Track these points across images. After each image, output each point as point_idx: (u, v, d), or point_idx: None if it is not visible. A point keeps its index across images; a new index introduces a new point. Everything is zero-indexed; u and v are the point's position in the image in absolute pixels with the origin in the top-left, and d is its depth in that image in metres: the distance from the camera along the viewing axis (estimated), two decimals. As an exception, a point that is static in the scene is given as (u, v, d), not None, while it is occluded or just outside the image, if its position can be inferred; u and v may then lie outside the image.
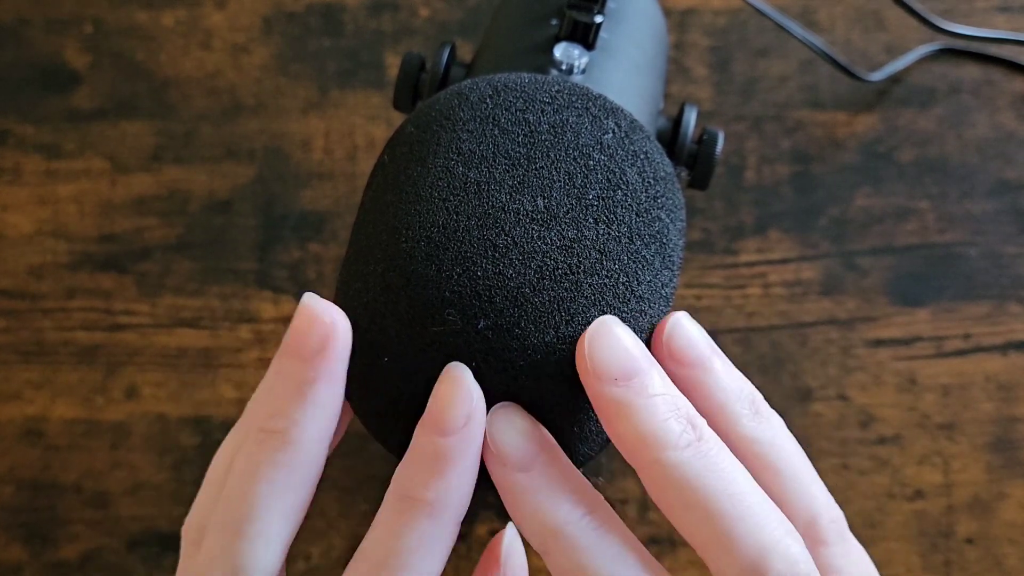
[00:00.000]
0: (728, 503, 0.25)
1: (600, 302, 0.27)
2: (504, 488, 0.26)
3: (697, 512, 0.25)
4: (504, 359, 0.26)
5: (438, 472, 0.25)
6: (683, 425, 0.25)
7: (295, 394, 0.27)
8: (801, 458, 0.28)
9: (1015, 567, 0.45)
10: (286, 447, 0.26)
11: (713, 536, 0.25)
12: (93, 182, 0.50)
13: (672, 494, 0.25)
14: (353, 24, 0.52)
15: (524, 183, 0.28)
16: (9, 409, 0.47)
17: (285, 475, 0.26)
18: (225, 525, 0.26)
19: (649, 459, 0.25)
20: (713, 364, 0.28)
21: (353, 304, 0.28)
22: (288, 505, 0.26)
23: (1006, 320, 0.48)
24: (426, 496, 0.25)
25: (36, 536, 0.46)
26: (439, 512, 0.25)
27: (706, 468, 0.25)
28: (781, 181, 0.50)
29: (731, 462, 0.26)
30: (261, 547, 0.26)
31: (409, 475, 0.26)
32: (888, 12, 0.52)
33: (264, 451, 0.26)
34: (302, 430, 0.26)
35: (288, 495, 0.26)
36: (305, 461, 0.26)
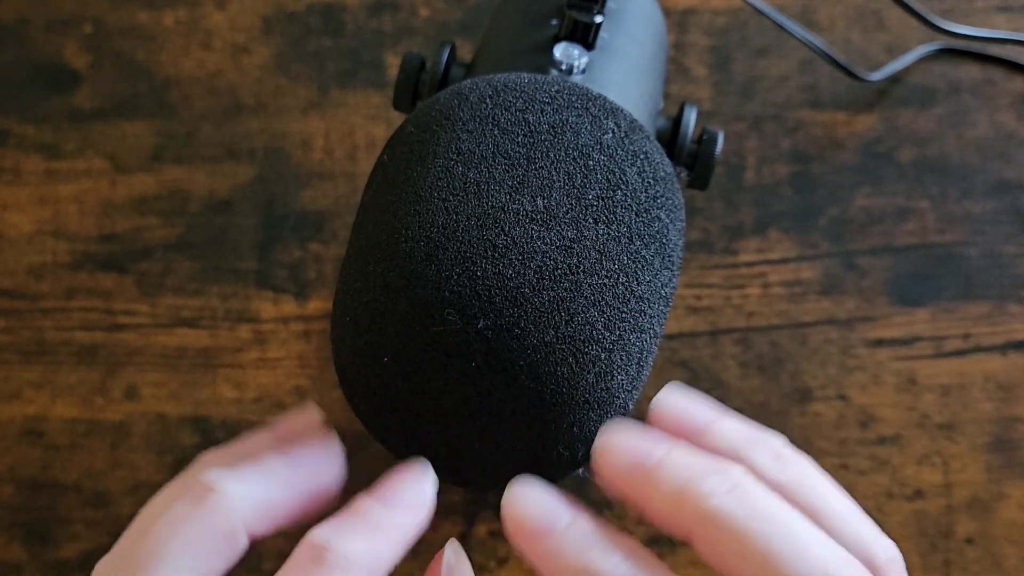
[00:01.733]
0: (782, 542, 0.24)
1: (600, 302, 0.27)
2: (535, 557, 0.25)
3: (754, 560, 0.24)
4: (504, 359, 0.26)
5: (365, 534, 0.25)
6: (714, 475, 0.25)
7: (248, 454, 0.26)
8: (840, 496, 0.26)
9: (1015, 567, 0.45)
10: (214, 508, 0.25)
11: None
12: (93, 182, 0.50)
13: (725, 547, 0.24)
14: (353, 24, 0.52)
15: (524, 183, 0.28)
16: (9, 409, 0.47)
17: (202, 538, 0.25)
18: (125, 572, 0.25)
19: (693, 517, 0.24)
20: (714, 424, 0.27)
21: (353, 304, 0.28)
22: (196, 569, 0.24)
23: (1006, 320, 0.48)
24: (345, 551, 0.24)
25: (36, 536, 0.46)
26: (353, 571, 0.24)
27: (751, 512, 0.24)
28: (781, 181, 0.50)
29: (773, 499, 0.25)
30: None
31: (335, 527, 0.25)
32: (888, 12, 0.52)
33: (191, 505, 0.25)
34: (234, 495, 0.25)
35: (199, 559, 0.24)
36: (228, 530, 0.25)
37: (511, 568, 0.45)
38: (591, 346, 0.27)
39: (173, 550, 0.24)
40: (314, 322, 0.48)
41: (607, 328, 0.27)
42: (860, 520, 0.26)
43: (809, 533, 0.24)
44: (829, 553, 0.24)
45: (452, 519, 0.43)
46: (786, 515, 0.24)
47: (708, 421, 0.27)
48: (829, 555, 0.24)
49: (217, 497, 0.25)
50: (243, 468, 0.26)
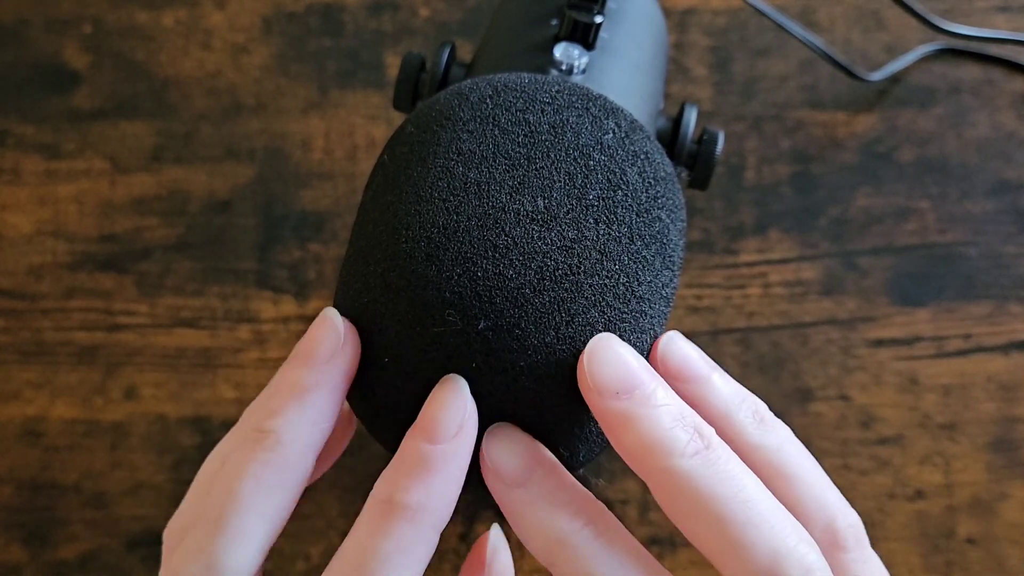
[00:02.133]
0: (739, 509, 0.24)
1: (600, 303, 0.27)
2: (505, 504, 0.26)
3: (708, 520, 0.25)
4: (504, 360, 0.26)
5: (423, 478, 0.25)
6: (690, 433, 0.25)
7: (294, 397, 0.27)
8: (812, 463, 0.27)
9: (1016, 567, 0.45)
10: (276, 447, 0.26)
11: (725, 544, 0.24)
12: (93, 182, 0.50)
13: (682, 502, 0.25)
14: (353, 24, 0.52)
15: (524, 183, 0.28)
16: (9, 409, 0.47)
17: (271, 474, 0.26)
18: (206, 521, 0.26)
19: (657, 468, 0.25)
20: (711, 377, 0.28)
21: (353, 304, 0.28)
22: (272, 506, 0.26)
23: (1007, 320, 0.48)
24: (408, 501, 0.25)
25: (36, 536, 0.46)
26: (420, 518, 0.25)
27: (716, 475, 0.25)
28: (781, 181, 0.50)
29: (741, 469, 0.25)
30: (241, 545, 0.25)
31: (393, 479, 0.26)
32: (888, 12, 0.52)
33: (254, 450, 0.26)
34: (294, 433, 0.26)
35: (273, 495, 0.26)
36: (293, 463, 0.26)
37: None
38: (592, 346, 0.27)
39: (248, 494, 0.26)
40: (314, 322, 0.48)
41: (608, 328, 0.27)
42: (828, 489, 0.27)
43: (768, 505, 0.25)
44: (785, 528, 0.25)
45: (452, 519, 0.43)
46: (748, 484, 0.25)
47: (706, 372, 0.28)
48: (784, 529, 0.25)
49: (273, 436, 0.26)
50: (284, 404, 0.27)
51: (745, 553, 0.24)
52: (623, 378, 0.26)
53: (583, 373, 0.26)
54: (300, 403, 0.27)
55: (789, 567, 0.24)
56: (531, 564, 0.45)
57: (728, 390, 0.28)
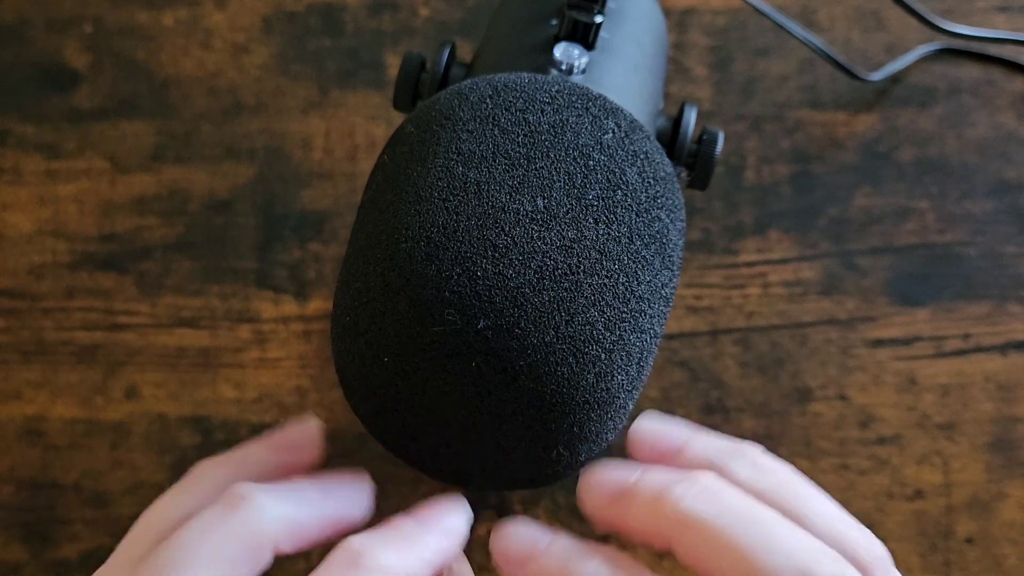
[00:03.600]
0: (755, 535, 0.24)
1: (600, 302, 0.27)
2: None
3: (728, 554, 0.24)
4: (504, 359, 0.26)
5: (401, 547, 0.26)
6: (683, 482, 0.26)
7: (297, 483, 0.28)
8: (823, 499, 0.27)
9: (1015, 567, 0.45)
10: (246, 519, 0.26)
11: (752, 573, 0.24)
12: (93, 182, 0.50)
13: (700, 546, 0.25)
14: (353, 24, 0.52)
15: (524, 183, 0.28)
16: (9, 409, 0.47)
17: (231, 546, 0.26)
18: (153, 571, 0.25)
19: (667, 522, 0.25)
20: (691, 440, 0.28)
21: (353, 304, 0.28)
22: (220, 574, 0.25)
23: (1006, 320, 0.48)
24: (380, 558, 0.25)
25: (36, 535, 0.46)
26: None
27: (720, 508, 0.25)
28: (781, 181, 0.50)
29: (742, 496, 0.25)
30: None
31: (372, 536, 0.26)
32: (888, 12, 0.52)
33: (223, 512, 0.26)
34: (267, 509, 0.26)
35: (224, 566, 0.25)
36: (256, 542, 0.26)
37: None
38: (591, 346, 0.27)
39: (203, 556, 0.25)
40: (314, 322, 0.48)
41: (607, 328, 0.27)
42: (844, 522, 0.26)
43: (781, 527, 0.25)
44: (803, 545, 0.24)
45: (452, 519, 0.43)
46: (756, 511, 0.25)
47: (683, 439, 0.28)
48: (803, 547, 0.24)
49: (250, 508, 0.26)
50: (277, 487, 0.27)
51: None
52: (612, 485, 0.27)
53: (583, 507, 0.28)
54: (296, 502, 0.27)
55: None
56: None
57: (714, 445, 0.28)
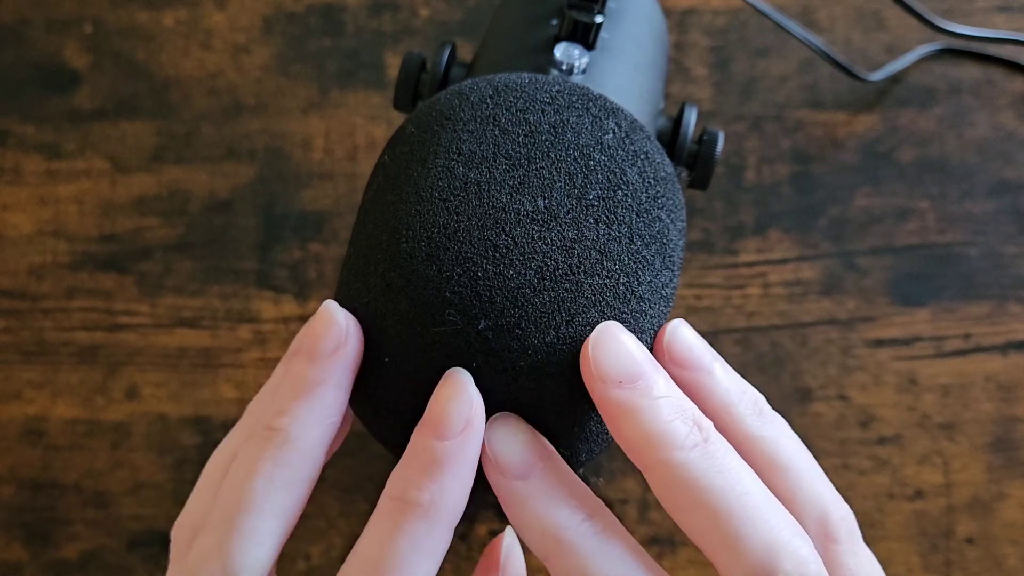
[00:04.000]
0: (736, 503, 0.25)
1: (600, 302, 0.27)
2: (504, 496, 0.26)
3: (704, 512, 0.25)
4: (505, 360, 0.26)
5: (434, 475, 0.25)
6: (689, 426, 0.25)
7: (301, 393, 0.27)
8: (807, 456, 0.28)
9: (1015, 567, 0.45)
10: (286, 444, 0.26)
11: (720, 536, 0.25)
12: (94, 182, 0.50)
13: (679, 494, 0.25)
14: (353, 24, 0.52)
15: (524, 183, 0.28)
16: (10, 409, 0.47)
17: (283, 472, 0.26)
18: (219, 521, 0.26)
19: (655, 460, 0.25)
20: (714, 367, 0.28)
21: (354, 304, 0.28)
22: (284, 504, 0.26)
23: (1006, 320, 0.48)
24: (421, 499, 0.25)
25: (36, 536, 0.46)
26: (433, 515, 0.25)
27: (713, 468, 0.25)
28: (781, 181, 0.50)
29: (738, 463, 0.26)
30: (255, 544, 0.26)
31: (405, 477, 0.26)
32: (888, 12, 0.52)
33: (265, 448, 0.26)
34: (304, 429, 0.26)
35: (285, 493, 0.26)
36: (304, 460, 0.26)
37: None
38: (592, 346, 0.27)
39: (260, 492, 0.26)
40: (314, 322, 0.48)
41: (608, 328, 0.27)
42: (822, 482, 0.27)
43: (764, 500, 0.25)
44: (780, 522, 0.25)
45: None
46: (745, 479, 0.25)
47: (709, 361, 0.28)
48: (779, 524, 0.25)
49: (282, 433, 0.26)
50: (295, 406, 0.27)
51: (740, 546, 0.24)
52: (626, 367, 0.26)
53: (587, 361, 0.26)
54: (308, 399, 0.27)
55: (783, 560, 0.24)
56: (532, 563, 0.45)
57: (729, 381, 0.28)
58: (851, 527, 0.27)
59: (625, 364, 0.26)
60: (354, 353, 0.27)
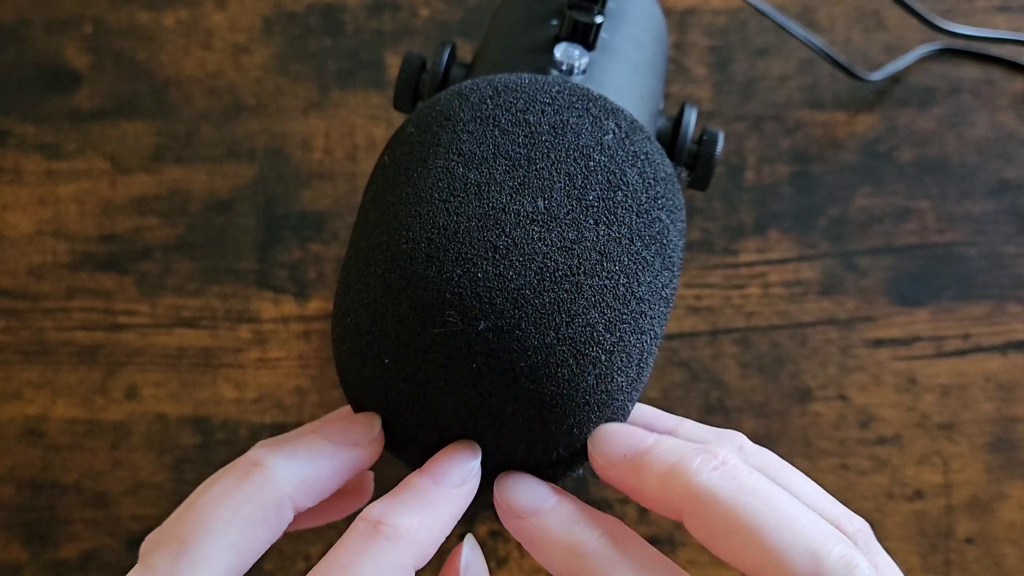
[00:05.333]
0: (770, 515, 0.25)
1: (600, 303, 0.27)
2: (524, 535, 0.27)
3: (742, 532, 0.25)
4: (505, 360, 0.26)
5: (418, 509, 0.26)
6: (700, 454, 0.26)
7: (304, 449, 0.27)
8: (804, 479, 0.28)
9: (1015, 567, 0.45)
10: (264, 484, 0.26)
11: (762, 553, 0.24)
12: (94, 182, 0.50)
13: (714, 521, 0.25)
14: (353, 24, 0.52)
15: (524, 184, 0.28)
16: (9, 409, 0.47)
17: (251, 510, 0.26)
18: (174, 541, 0.26)
19: (683, 494, 0.26)
20: (681, 425, 0.29)
21: (354, 305, 0.28)
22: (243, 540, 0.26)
23: (1006, 320, 0.48)
24: (398, 524, 0.25)
25: (36, 536, 0.46)
26: (404, 544, 0.25)
27: (738, 486, 0.25)
28: (781, 181, 0.50)
29: (758, 476, 0.26)
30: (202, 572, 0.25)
31: (388, 504, 0.26)
32: (888, 12, 0.52)
33: (241, 480, 0.26)
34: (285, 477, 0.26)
35: (246, 530, 0.26)
36: (275, 504, 0.26)
37: (511, 568, 0.45)
38: (591, 348, 0.27)
39: (221, 521, 0.26)
40: (314, 322, 0.48)
41: (607, 330, 0.27)
42: (825, 499, 0.28)
43: (795, 507, 0.25)
44: (816, 526, 0.25)
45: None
46: (771, 490, 0.25)
47: (672, 425, 0.29)
48: (816, 528, 0.25)
49: (263, 471, 0.26)
50: (286, 447, 0.27)
51: (784, 557, 0.24)
52: (625, 444, 0.27)
53: (593, 459, 0.28)
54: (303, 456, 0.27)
55: (830, 565, 0.24)
56: (531, 563, 0.45)
57: (701, 429, 0.29)
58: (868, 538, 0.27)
59: (623, 442, 0.27)
60: (367, 457, 0.28)
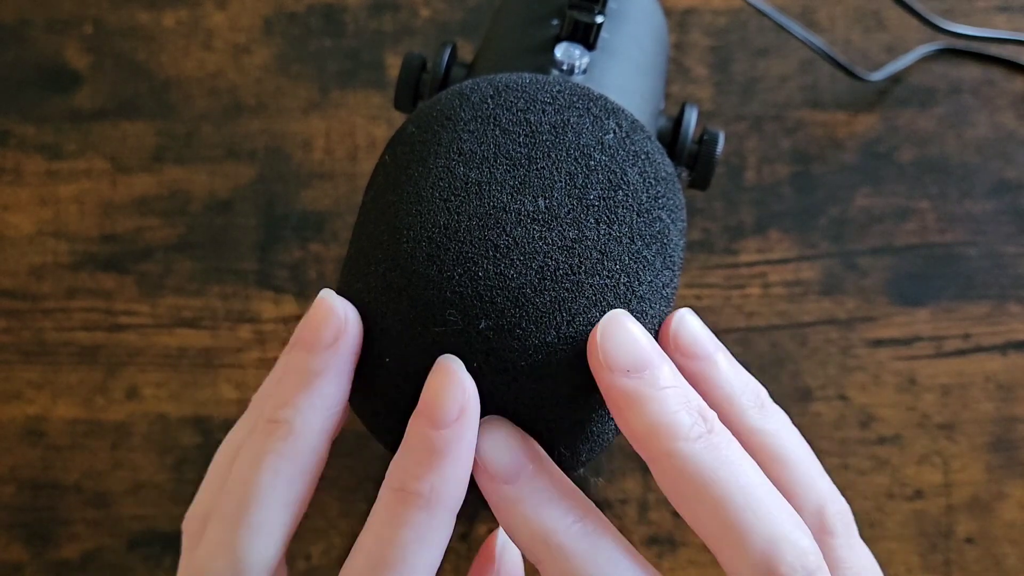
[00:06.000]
0: (739, 494, 0.25)
1: (601, 303, 0.27)
2: (493, 500, 0.26)
3: (707, 504, 0.25)
4: (505, 360, 0.26)
5: (432, 465, 0.25)
6: (694, 417, 0.26)
7: (302, 385, 0.27)
8: (806, 450, 0.28)
9: (1015, 567, 0.45)
10: (290, 436, 0.26)
11: (723, 527, 0.25)
12: (94, 182, 0.50)
13: (683, 485, 0.25)
14: (354, 24, 0.52)
15: (525, 183, 0.28)
16: (10, 409, 0.47)
17: (288, 465, 0.26)
18: (227, 515, 0.26)
19: (660, 450, 0.25)
20: (718, 359, 0.28)
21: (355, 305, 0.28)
22: (291, 496, 0.26)
23: (1006, 320, 0.48)
24: (420, 489, 0.25)
25: (37, 536, 0.46)
26: (434, 504, 0.25)
27: (717, 460, 0.25)
28: (781, 181, 0.50)
29: (741, 454, 0.26)
30: (263, 537, 0.26)
31: (403, 468, 0.26)
32: (888, 12, 0.52)
33: (269, 441, 0.26)
34: (306, 420, 0.26)
35: (291, 485, 0.26)
36: (308, 451, 0.26)
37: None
38: (592, 346, 0.27)
39: (267, 485, 0.26)
40: (315, 322, 0.48)
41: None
42: (820, 476, 0.28)
43: (767, 493, 0.25)
44: (782, 515, 0.25)
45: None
46: (749, 471, 0.25)
47: (713, 351, 0.28)
48: (781, 516, 0.25)
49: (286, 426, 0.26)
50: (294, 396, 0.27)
51: (743, 537, 0.24)
52: (634, 356, 0.26)
53: (594, 348, 0.26)
54: (309, 390, 0.27)
55: (785, 553, 0.24)
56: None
57: (732, 372, 0.28)
58: (847, 521, 0.27)
59: (632, 353, 0.26)
60: (354, 341, 0.27)
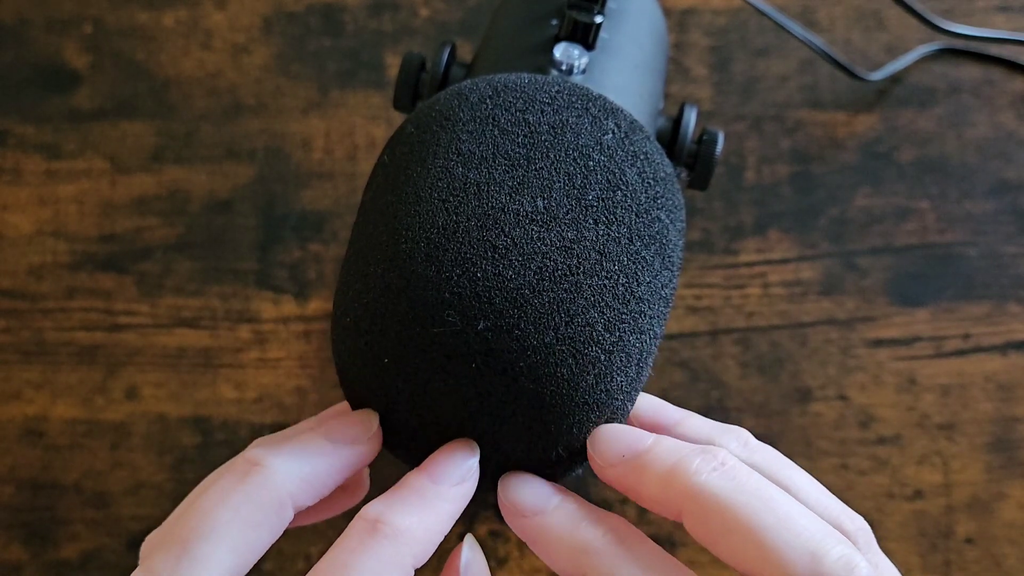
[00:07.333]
0: (768, 515, 0.25)
1: (600, 303, 0.27)
2: (529, 534, 0.27)
3: (741, 532, 0.25)
4: (504, 360, 0.26)
5: (417, 507, 0.26)
6: (699, 454, 0.26)
7: (301, 447, 0.27)
8: (806, 476, 0.28)
9: (1014, 567, 0.45)
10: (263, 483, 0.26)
11: (761, 553, 0.24)
12: (93, 182, 0.50)
13: (713, 521, 0.25)
14: (353, 24, 0.52)
15: (524, 184, 0.28)
16: (9, 409, 0.47)
17: (251, 509, 0.26)
18: (176, 542, 0.25)
19: (682, 493, 0.26)
20: (687, 419, 0.29)
21: (353, 305, 0.28)
22: (243, 539, 0.25)
23: (1006, 320, 0.48)
24: (396, 522, 0.25)
25: (36, 536, 0.46)
26: (403, 542, 0.25)
27: (737, 486, 0.25)
28: (781, 181, 0.50)
29: (757, 476, 0.26)
30: (204, 573, 0.25)
31: (387, 502, 0.26)
32: (888, 12, 0.52)
33: (240, 480, 0.26)
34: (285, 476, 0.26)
35: (247, 529, 0.25)
36: (275, 502, 0.26)
37: (511, 568, 0.45)
38: (591, 347, 0.27)
39: (222, 522, 0.25)
40: (314, 322, 0.48)
41: (607, 329, 0.27)
42: (827, 497, 0.28)
43: (793, 507, 0.25)
44: (814, 526, 0.25)
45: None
46: (770, 490, 0.25)
47: (678, 418, 0.29)
48: (814, 528, 0.25)
49: (263, 470, 0.26)
50: (285, 446, 0.27)
51: (783, 557, 0.24)
52: (624, 444, 0.27)
53: (592, 460, 0.28)
54: (303, 454, 0.27)
55: (830, 564, 0.24)
56: (531, 563, 0.45)
57: (707, 424, 0.29)
58: (868, 537, 0.27)
59: (622, 443, 0.27)
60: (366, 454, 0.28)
